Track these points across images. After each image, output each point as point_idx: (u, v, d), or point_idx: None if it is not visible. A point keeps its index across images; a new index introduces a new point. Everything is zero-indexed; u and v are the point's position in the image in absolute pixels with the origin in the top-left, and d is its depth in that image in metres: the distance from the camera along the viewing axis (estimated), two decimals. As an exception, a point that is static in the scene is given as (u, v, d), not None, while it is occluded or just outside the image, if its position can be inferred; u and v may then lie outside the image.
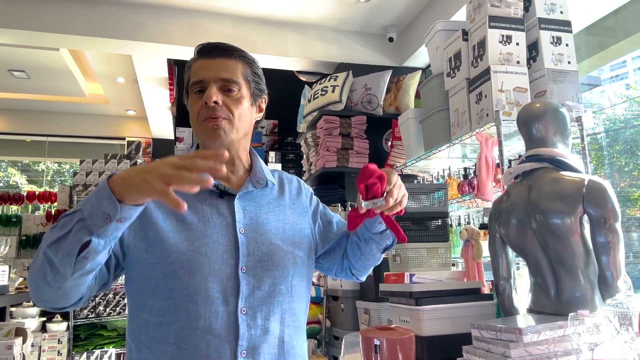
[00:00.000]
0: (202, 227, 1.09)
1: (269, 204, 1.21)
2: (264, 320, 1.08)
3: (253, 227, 1.14)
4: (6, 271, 3.00)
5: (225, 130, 1.12)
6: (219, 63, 1.14)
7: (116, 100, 6.90)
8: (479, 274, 1.99)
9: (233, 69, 1.15)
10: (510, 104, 2.12)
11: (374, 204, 1.06)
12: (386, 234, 1.22)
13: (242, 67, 1.17)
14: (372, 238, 1.22)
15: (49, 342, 4.80)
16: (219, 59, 1.14)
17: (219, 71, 1.13)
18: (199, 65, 1.15)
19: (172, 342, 1.03)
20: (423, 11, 4.00)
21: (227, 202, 1.15)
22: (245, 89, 1.16)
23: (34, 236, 5.44)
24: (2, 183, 9.75)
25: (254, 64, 1.21)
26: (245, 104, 1.16)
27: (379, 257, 1.29)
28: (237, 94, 1.14)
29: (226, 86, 1.13)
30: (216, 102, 1.10)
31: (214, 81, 1.12)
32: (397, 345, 1.34)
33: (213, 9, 4.00)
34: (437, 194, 2.12)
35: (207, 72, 1.13)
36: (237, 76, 1.14)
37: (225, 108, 1.12)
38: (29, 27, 3.72)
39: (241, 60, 1.17)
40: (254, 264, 1.11)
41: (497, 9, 2.23)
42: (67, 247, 0.87)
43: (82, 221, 0.87)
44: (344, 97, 3.58)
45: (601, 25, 3.16)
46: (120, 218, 0.86)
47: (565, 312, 1.39)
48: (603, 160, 3.51)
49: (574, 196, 1.49)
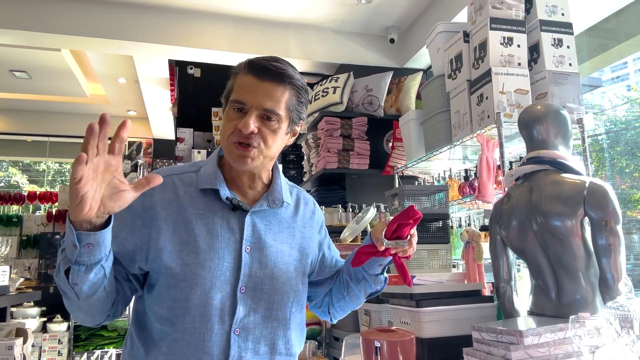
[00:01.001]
0: (209, 241, 1.08)
1: (280, 224, 1.18)
2: (255, 344, 1.08)
3: (259, 247, 1.12)
4: (7, 271, 3.00)
5: (252, 159, 1.08)
6: (266, 88, 1.07)
7: (117, 101, 6.91)
8: (479, 275, 1.99)
9: (278, 99, 1.08)
10: (512, 106, 2.12)
11: (396, 244, 1.05)
12: (379, 278, 1.21)
13: (288, 96, 1.10)
14: (365, 279, 1.20)
15: (50, 342, 4.80)
16: (268, 82, 1.07)
17: (264, 99, 1.06)
18: (246, 82, 1.08)
19: (164, 352, 1.04)
20: (424, 13, 4.00)
21: (239, 217, 1.13)
22: (285, 119, 1.11)
23: (34, 236, 5.44)
24: (3, 183, 9.76)
25: (302, 92, 1.13)
26: (280, 134, 1.11)
27: (362, 301, 1.28)
28: (275, 124, 1.08)
29: (266, 115, 1.07)
30: (252, 132, 1.06)
31: (255, 108, 1.06)
32: (397, 347, 1.34)
33: (214, 10, 4.00)
34: (438, 196, 2.12)
35: (251, 96, 1.07)
36: (280, 107, 1.08)
37: (259, 137, 1.07)
38: (31, 28, 3.73)
39: (290, 88, 1.10)
40: (254, 285, 1.09)
41: (499, 11, 2.24)
42: (62, 276, 0.93)
43: (63, 251, 0.92)
44: (344, 99, 3.58)
45: (602, 27, 3.16)
46: (86, 244, 0.88)
47: (565, 314, 1.39)
48: (604, 161, 3.50)
49: (575, 198, 1.48)
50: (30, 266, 5.23)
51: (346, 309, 1.30)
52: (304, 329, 1.22)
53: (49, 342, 4.78)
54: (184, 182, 1.14)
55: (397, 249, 1.07)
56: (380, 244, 1.07)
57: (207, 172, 1.15)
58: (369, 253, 1.11)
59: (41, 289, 4.44)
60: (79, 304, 0.97)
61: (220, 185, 1.12)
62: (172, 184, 1.12)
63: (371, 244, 1.11)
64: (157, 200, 1.09)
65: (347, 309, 1.30)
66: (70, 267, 0.90)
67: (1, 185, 9.67)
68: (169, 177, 1.13)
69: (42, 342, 4.74)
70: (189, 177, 1.15)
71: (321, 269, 1.29)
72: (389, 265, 1.21)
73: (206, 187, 1.12)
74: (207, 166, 1.16)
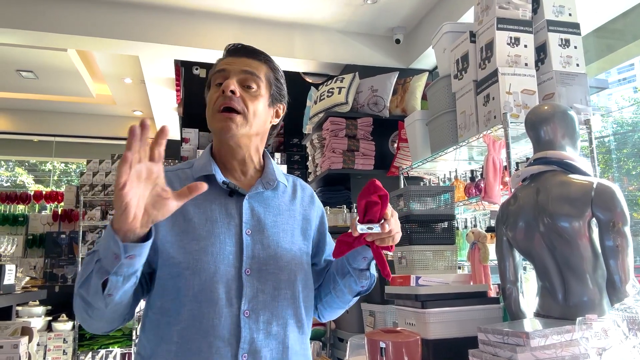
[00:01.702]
0: (209, 227, 1.09)
1: (279, 207, 1.20)
2: (266, 324, 1.07)
3: (260, 229, 1.13)
4: (13, 270, 3.02)
5: (237, 124, 1.12)
6: (243, 60, 1.16)
7: (123, 101, 6.94)
8: (485, 277, 1.98)
9: (257, 67, 1.17)
10: (518, 106, 2.11)
11: (369, 229, 1.03)
12: (365, 274, 1.18)
13: (265, 70, 1.19)
14: (350, 273, 1.18)
15: (55, 341, 4.83)
16: (244, 57, 1.17)
17: (241, 65, 1.15)
18: (225, 61, 1.18)
19: (175, 342, 1.03)
20: (430, 13, 3.99)
21: (236, 202, 1.14)
22: (265, 88, 1.17)
23: (40, 235, 5.47)
24: (10, 182, 9.82)
25: (278, 72, 1.23)
26: (262, 102, 1.16)
27: (349, 299, 1.25)
28: (255, 91, 1.15)
29: (246, 81, 1.14)
30: (233, 92, 1.11)
31: (235, 73, 1.14)
32: (403, 348, 1.33)
33: (220, 10, 4.01)
34: (444, 197, 2.10)
35: (229, 65, 1.15)
36: (259, 73, 1.16)
37: (242, 101, 1.12)
38: (37, 28, 3.75)
39: (266, 64, 1.19)
40: (258, 266, 1.10)
41: (505, 11, 2.22)
42: (93, 287, 0.91)
43: (99, 262, 0.90)
44: (350, 99, 3.58)
45: (610, 27, 3.14)
46: (128, 255, 0.87)
47: (572, 316, 1.38)
48: (611, 163, 3.48)
49: (583, 199, 1.47)
50: (36, 265, 5.26)
51: (333, 306, 1.28)
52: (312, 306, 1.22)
53: (54, 341, 4.80)
54: (179, 177, 1.16)
55: (372, 235, 1.04)
56: (354, 228, 1.03)
57: (201, 162, 1.18)
58: (348, 243, 1.08)
59: (46, 288, 4.47)
60: (103, 313, 0.96)
61: (215, 170, 1.15)
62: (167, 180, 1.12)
63: (349, 232, 1.08)
64: None
65: (334, 305, 1.28)
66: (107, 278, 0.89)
67: (7, 185, 9.73)
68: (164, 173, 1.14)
69: (47, 341, 4.76)
70: (183, 173, 1.18)
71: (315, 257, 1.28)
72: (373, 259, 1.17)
73: (201, 175, 1.14)
74: (200, 158, 1.20)
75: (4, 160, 9.65)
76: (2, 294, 2.82)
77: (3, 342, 2.40)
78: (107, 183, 5.33)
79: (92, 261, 0.91)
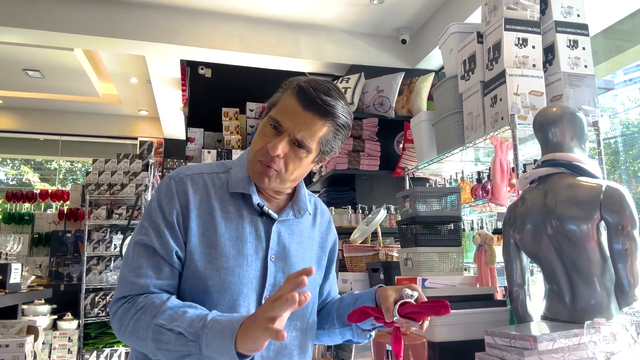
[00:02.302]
0: (238, 246, 1.08)
1: (301, 234, 1.19)
2: (275, 353, 1.08)
3: (283, 257, 1.13)
4: (19, 269, 3.03)
5: (270, 179, 1.08)
6: (306, 119, 1.05)
7: (129, 101, 6.96)
8: (492, 279, 1.97)
9: (314, 133, 1.06)
10: (526, 108, 2.10)
11: (407, 323, 1.01)
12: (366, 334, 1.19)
13: (326, 131, 1.08)
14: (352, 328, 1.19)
15: (60, 340, 4.84)
16: (310, 113, 1.05)
17: (300, 128, 1.05)
18: (289, 105, 1.06)
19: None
20: (436, 13, 3.98)
21: (266, 225, 1.13)
22: (314, 152, 1.10)
23: (46, 234, 5.49)
24: (15, 181, 9.87)
25: (341, 129, 1.11)
26: (305, 163, 1.10)
27: (336, 342, 1.27)
28: (303, 153, 1.08)
29: (299, 142, 1.06)
30: (277, 155, 1.06)
31: (289, 134, 1.05)
32: (409, 351, 1.32)
33: (227, 10, 4.01)
34: (450, 198, 2.09)
35: (289, 122, 1.05)
36: (312, 141, 1.07)
37: (283, 162, 1.07)
38: (44, 27, 3.76)
39: (330, 124, 1.08)
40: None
41: (513, 12, 2.21)
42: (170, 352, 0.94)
43: (198, 353, 0.90)
44: (355, 99, 3.57)
45: (618, 28, 3.12)
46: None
47: (580, 319, 1.37)
48: (618, 165, 3.46)
49: (591, 202, 1.46)
50: (42, 264, 5.28)
51: (321, 339, 1.29)
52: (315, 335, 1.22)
53: (59, 340, 4.82)
54: (214, 183, 1.13)
55: (405, 328, 1.03)
56: (389, 315, 1.01)
57: (239, 176, 1.13)
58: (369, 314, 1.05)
59: (52, 286, 4.48)
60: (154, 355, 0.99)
61: (253, 190, 1.12)
62: (203, 184, 1.11)
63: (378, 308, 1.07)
64: (190, 198, 1.08)
65: (322, 339, 1.29)
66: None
67: (13, 183, 9.78)
68: (199, 176, 1.12)
69: (52, 339, 4.78)
70: (218, 179, 1.14)
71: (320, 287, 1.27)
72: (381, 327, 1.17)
73: (238, 191, 1.12)
74: (237, 169, 1.15)
75: (10, 158, 9.70)
76: (8, 292, 2.83)
77: (9, 341, 2.41)
78: (112, 182, 5.34)
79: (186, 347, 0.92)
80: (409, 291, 1.04)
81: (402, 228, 2.13)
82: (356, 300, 1.19)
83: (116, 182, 5.33)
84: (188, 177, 1.11)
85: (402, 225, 2.13)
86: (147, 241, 1.04)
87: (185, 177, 1.11)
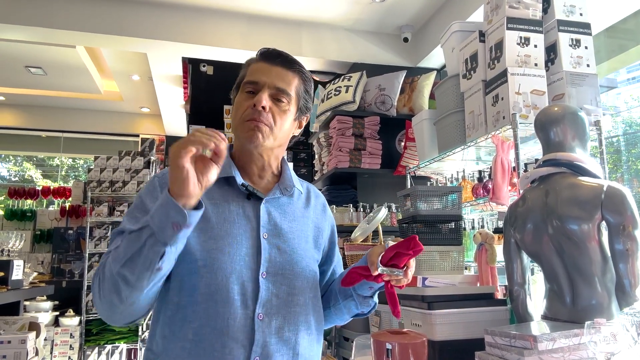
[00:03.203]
0: (226, 227, 1.10)
1: (294, 213, 1.21)
2: (278, 329, 1.08)
3: (276, 234, 1.14)
4: (21, 266, 3.04)
5: (263, 135, 1.13)
6: (277, 71, 1.15)
7: (131, 98, 6.96)
8: (492, 278, 1.97)
9: (289, 81, 1.16)
10: (528, 107, 2.09)
11: (391, 272, 1.04)
12: (368, 301, 1.21)
13: (297, 82, 1.18)
14: (352, 297, 1.21)
15: (62, 336, 4.86)
16: (279, 67, 1.16)
17: (276, 79, 1.14)
18: (258, 67, 1.16)
19: (190, 339, 1.03)
20: (438, 12, 3.97)
21: (254, 205, 1.15)
22: (294, 103, 1.18)
23: (48, 231, 5.50)
24: (18, 177, 9.89)
25: (308, 82, 1.22)
26: (290, 117, 1.17)
27: (346, 318, 1.29)
28: (285, 105, 1.15)
29: (278, 95, 1.14)
30: (264, 107, 1.11)
31: (268, 87, 1.13)
32: (409, 349, 1.33)
33: (228, 8, 4.01)
34: (451, 197, 2.09)
35: (263, 76, 1.14)
36: (290, 89, 1.16)
37: (271, 115, 1.13)
38: (46, 24, 3.77)
39: (298, 75, 1.18)
40: (274, 270, 1.10)
41: (516, 11, 2.21)
42: (144, 262, 0.91)
43: (152, 236, 0.90)
44: (357, 98, 3.57)
45: (621, 27, 3.11)
46: (187, 224, 0.90)
47: (580, 319, 1.37)
48: (620, 164, 3.46)
49: (592, 202, 1.46)
50: (44, 260, 5.30)
51: (329, 320, 1.30)
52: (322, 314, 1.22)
53: (61, 336, 4.83)
54: None
55: (390, 276, 1.05)
56: (374, 267, 1.06)
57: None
58: (361, 275, 1.09)
59: (54, 283, 4.50)
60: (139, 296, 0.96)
61: (235, 173, 1.15)
62: None
63: (365, 266, 1.10)
64: None
65: (329, 320, 1.30)
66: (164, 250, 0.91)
67: (15, 180, 9.80)
68: None
69: (54, 336, 4.80)
70: None
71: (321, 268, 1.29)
72: (380, 290, 1.20)
73: (221, 176, 1.12)
74: None
75: (12, 155, 9.72)
76: (10, 289, 2.84)
77: (11, 337, 2.42)
78: (114, 179, 5.35)
79: (140, 238, 0.91)
80: (390, 242, 1.08)
81: (403, 226, 2.13)
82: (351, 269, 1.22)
83: (118, 180, 5.35)
84: None
85: (403, 224, 2.13)
86: (120, 228, 1.05)
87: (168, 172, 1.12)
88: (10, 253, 3.20)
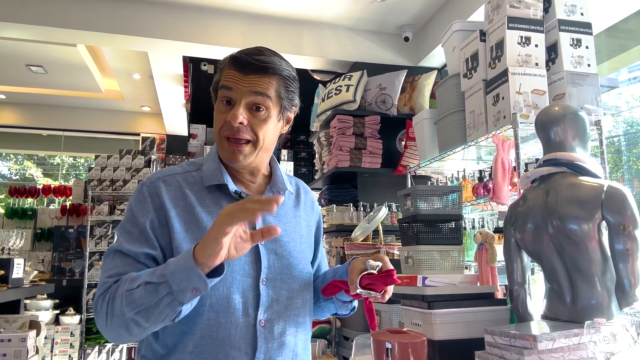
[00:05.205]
0: None
1: (286, 214, 1.20)
2: (280, 333, 1.08)
3: (272, 239, 1.12)
4: (21, 264, 3.04)
5: (245, 155, 1.09)
6: (251, 80, 1.07)
7: (131, 97, 6.96)
8: (492, 278, 1.96)
9: (265, 87, 1.08)
10: (528, 107, 2.09)
11: (368, 294, 1.05)
12: (347, 305, 1.24)
13: (275, 84, 1.09)
14: (333, 300, 1.23)
15: (62, 334, 4.86)
16: (252, 75, 1.07)
17: (250, 89, 1.06)
18: (231, 74, 1.08)
19: (190, 351, 1.02)
20: (439, 11, 3.97)
21: None
22: (274, 107, 1.10)
23: (48, 229, 5.51)
24: (18, 176, 9.90)
25: (289, 81, 1.13)
26: (271, 123, 1.11)
27: (324, 316, 1.32)
28: (264, 114, 1.08)
29: (255, 103, 1.07)
30: (241, 123, 1.06)
31: (243, 96, 1.06)
32: (409, 349, 1.33)
33: (229, 6, 4.01)
34: (451, 196, 2.09)
35: (236, 89, 1.07)
36: (267, 94, 1.08)
37: (250, 129, 1.07)
38: (47, 23, 3.77)
39: (275, 78, 1.10)
40: (274, 276, 1.10)
41: (516, 10, 2.20)
42: (159, 315, 0.93)
43: (170, 294, 0.90)
44: (358, 97, 3.56)
45: (622, 27, 3.11)
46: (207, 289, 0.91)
47: (580, 319, 1.37)
48: (621, 164, 3.45)
49: (593, 202, 1.46)
50: (44, 259, 5.30)
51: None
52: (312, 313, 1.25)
53: (61, 335, 4.84)
54: (188, 181, 1.13)
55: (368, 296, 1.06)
56: (353, 287, 1.06)
57: (211, 168, 1.14)
58: (340, 288, 1.11)
59: (54, 281, 4.50)
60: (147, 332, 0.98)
61: (227, 180, 1.13)
62: (176, 183, 1.12)
63: (345, 281, 1.10)
64: (165, 199, 1.08)
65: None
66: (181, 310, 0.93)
67: (16, 178, 9.81)
68: (171, 177, 1.12)
69: (54, 334, 4.80)
70: (191, 177, 1.15)
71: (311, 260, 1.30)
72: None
73: (213, 184, 1.12)
74: (209, 163, 1.16)
75: (13, 153, 9.73)
76: (10, 287, 2.84)
77: (11, 335, 2.42)
78: (115, 178, 5.35)
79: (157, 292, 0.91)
80: (372, 262, 1.07)
81: (403, 226, 2.13)
82: (334, 274, 1.23)
83: (118, 178, 5.35)
84: (160, 180, 1.11)
85: (403, 223, 2.13)
86: (117, 247, 1.04)
87: (157, 180, 1.11)
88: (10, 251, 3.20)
